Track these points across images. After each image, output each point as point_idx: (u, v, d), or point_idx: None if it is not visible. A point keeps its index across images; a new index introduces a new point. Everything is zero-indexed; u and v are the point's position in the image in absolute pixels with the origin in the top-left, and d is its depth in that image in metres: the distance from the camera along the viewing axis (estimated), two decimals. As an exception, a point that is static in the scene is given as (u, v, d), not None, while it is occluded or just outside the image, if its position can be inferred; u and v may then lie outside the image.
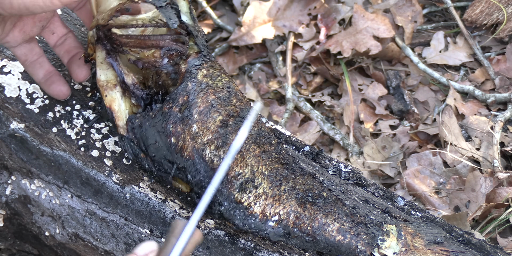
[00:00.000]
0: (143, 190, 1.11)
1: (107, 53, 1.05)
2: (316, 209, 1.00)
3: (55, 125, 1.16)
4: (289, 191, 1.00)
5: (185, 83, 1.00)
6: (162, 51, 1.02)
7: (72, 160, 1.15)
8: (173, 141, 0.99)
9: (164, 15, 0.99)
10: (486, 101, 1.86)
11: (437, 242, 1.02)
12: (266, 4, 2.08)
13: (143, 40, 1.02)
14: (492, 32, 2.00)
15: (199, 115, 0.99)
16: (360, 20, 2.00)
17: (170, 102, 1.00)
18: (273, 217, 0.99)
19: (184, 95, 1.00)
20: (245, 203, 0.99)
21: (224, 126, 0.99)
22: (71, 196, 1.16)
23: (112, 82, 1.05)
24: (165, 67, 1.03)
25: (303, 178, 1.03)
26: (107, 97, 1.04)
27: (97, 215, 1.14)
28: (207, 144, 0.99)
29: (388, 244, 1.00)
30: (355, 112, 1.91)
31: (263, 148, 1.02)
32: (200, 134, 0.99)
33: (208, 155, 0.99)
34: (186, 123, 0.99)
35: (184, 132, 0.99)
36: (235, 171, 0.99)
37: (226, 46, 2.11)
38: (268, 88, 2.02)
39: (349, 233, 0.99)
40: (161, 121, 1.00)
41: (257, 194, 0.99)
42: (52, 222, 1.19)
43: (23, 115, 1.17)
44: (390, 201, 1.15)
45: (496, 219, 1.54)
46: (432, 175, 1.70)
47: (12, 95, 1.18)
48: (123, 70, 1.05)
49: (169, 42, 1.02)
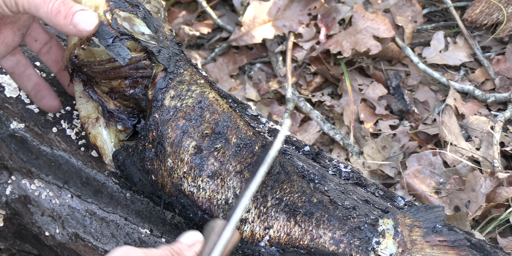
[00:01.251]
0: (143, 190, 1.11)
1: (84, 84, 1.04)
2: (306, 220, 0.98)
3: (55, 125, 1.16)
4: (277, 206, 0.98)
5: (153, 116, 0.99)
6: (127, 82, 1.01)
7: (72, 160, 1.15)
8: (153, 178, 0.99)
9: (112, 53, 0.96)
10: (486, 101, 1.86)
11: (435, 231, 1.00)
12: (266, 4, 2.08)
13: (105, 74, 1.01)
14: (492, 32, 2.00)
15: (171, 147, 0.97)
16: (360, 20, 2.00)
17: (142, 140, 0.99)
18: (263, 238, 0.98)
19: (153, 130, 0.98)
20: None
21: (198, 152, 0.97)
22: (71, 196, 1.16)
23: (93, 116, 1.05)
24: (136, 94, 1.02)
25: (291, 185, 1.00)
26: (91, 134, 1.04)
27: (97, 215, 1.14)
28: (184, 178, 0.97)
29: (384, 246, 0.99)
30: (355, 112, 1.91)
31: (245, 162, 0.99)
32: (175, 168, 0.97)
33: (188, 188, 0.97)
34: (161, 158, 0.98)
35: (161, 168, 0.98)
36: (218, 198, 0.97)
37: (226, 46, 2.11)
38: (268, 88, 2.02)
39: (342, 242, 0.98)
40: (138, 159, 0.99)
41: (243, 218, 0.97)
42: (52, 222, 1.19)
43: (23, 115, 1.17)
44: (390, 201, 1.14)
45: (496, 219, 1.54)
46: (432, 175, 1.70)
47: (12, 95, 1.18)
48: (103, 99, 1.04)
49: (129, 72, 1.00)
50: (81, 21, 0.92)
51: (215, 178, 0.97)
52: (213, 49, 2.14)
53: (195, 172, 0.97)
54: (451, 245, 0.99)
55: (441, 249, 0.99)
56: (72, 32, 0.93)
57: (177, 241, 0.87)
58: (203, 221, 0.98)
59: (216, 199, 0.97)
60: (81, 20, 0.92)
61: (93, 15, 0.94)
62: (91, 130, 1.04)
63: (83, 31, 0.93)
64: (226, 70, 2.09)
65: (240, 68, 2.11)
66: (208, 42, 2.18)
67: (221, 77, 2.09)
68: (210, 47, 2.16)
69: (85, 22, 0.92)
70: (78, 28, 0.93)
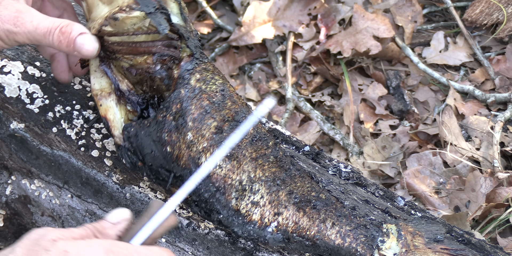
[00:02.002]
0: (143, 190, 1.11)
1: (101, 60, 1.04)
2: (314, 213, 1.00)
3: (55, 125, 1.16)
4: (287, 196, 1.00)
5: (178, 90, 1.00)
6: (154, 57, 1.02)
7: (72, 160, 1.15)
8: (168, 150, 0.99)
9: (154, 21, 0.98)
10: (486, 101, 1.86)
11: (437, 240, 1.02)
12: (266, 4, 2.08)
13: (134, 47, 1.02)
14: (492, 32, 2.00)
15: (193, 122, 0.99)
16: (360, 20, 2.00)
17: (164, 111, 0.99)
18: (272, 223, 0.99)
19: (177, 103, 0.99)
20: (243, 210, 0.99)
21: (219, 133, 0.99)
22: (71, 196, 1.16)
23: (106, 91, 1.05)
24: (159, 73, 1.03)
25: (302, 180, 1.02)
26: (102, 106, 1.04)
27: (97, 215, 1.14)
28: (202, 152, 0.98)
29: (388, 245, 1.00)
30: (355, 112, 1.91)
31: (260, 152, 1.01)
32: (195, 142, 0.98)
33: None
34: (180, 131, 0.99)
35: (179, 140, 0.99)
36: (232, 178, 0.99)
37: (226, 46, 2.11)
38: (268, 88, 2.02)
39: (348, 237, 0.99)
40: (156, 130, 0.99)
41: (255, 201, 0.99)
42: (52, 222, 1.19)
43: (23, 115, 1.17)
44: (390, 201, 1.14)
45: (496, 219, 1.54)
46: (432, 175, 1.70)
47: (12, 95, 1.18)
48: (117, 77, 1.04)
49: (160, 48, 1.02)
50: (83, 48, 0.96)
51: (232, 159, 0.99)
52: (213, 49, 2.14)
53: (214, 149, 0.98)
54: (453, 254, 1.01)
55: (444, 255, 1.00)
56: (78, 56, 0.99)
57: (101, 218, 0.84)
58: (213, 199, 0.98)
59: (231, 179, 0.99)
60: (82, 46, 0.96)
61: (92, 39, 0.97)
62: (103, 102, 1.04)
63: (86, 56, 0.98)
64: (226, 70, 2.09)
65: (240, 68, 2.11)
66: (208, 42, 2.18)
67: (221, 77, 2.09)
68: (210, 47, 2.16)
69: (86, 48, 0.97)
70: (82, 53, 0.97)
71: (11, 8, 0.95)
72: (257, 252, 1.06)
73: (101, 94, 1.04)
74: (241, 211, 0.98)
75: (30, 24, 0.94)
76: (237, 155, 0.99)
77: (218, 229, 1.07)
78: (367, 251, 0.99)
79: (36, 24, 0.94)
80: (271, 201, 0.99)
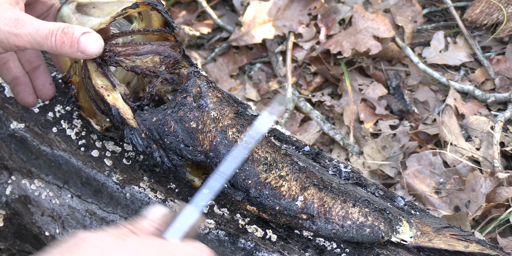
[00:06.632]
0: (143, 190, 1.11)
1: (98, 65, 1.04)
2: (334, 195, 1.04)
3: (55, 125, 1.16)
4: (307, 179, 1.04)
5: (193, 79, 1.03)
6: (161, 57, 1.03)
7: (72, 160, 1.15)
8: (193, 125, 1.01)
9: (167, 16, 1.03)
10: (486, 101, 1.86)
11: (445, 227, 1.06)
12: (266, 4, 2.08)
13: (141, 46, 1.03)
14: (492, 32, 2.00)
15: (214, 104, 1.03)
16: (360, 20, 2.00)
17: (183, 93, 1.02)
18: (299, 197, 1.02)
19: (196, 87, 1.03)
20: (272, 182, 1.01)
21: (237, 118, 1.03)
22: (71, 196, 1.16)
23: (110, 87, 1.05)
24: (163, 74, 1.04)
25: (312, 172, 1.06)
26: (109, 96, 1.04)
27: (97, 215, 1.14)
28: (228, 127, 1.02)
29: (404, 229, 1.04)
30: (355, 112, 1.91)
31: (273, 148, 1.05)
32: (220, 118, 1.02)
33: (232, 135, 1.01)
34: (203, 110, 1.02)
35: (203, 117, 1.02)
36: (258, 154, 1.02)
37: (226, 46, 2.11)
38: (268, 88, 2.02)
39: (369, 216, 1.03)
40: (177, 110, 1.02)
41: (282, 175, 1.02)
42: (52, 222, 1.20)
43: (23, 115, 1.17)
44: (390, 201, 1.15)
45: (496, 219, 1.54)
46: (432, 175, 1.70)
47: (12, 95, 1.18)
48: (115, 81, 1.04)
49: (168, 48, 1.04)
50: (88, 47, 0.94)
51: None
52: (213, 49, 2.14)
53: (238, 127, 1.02)
54: (463, 239, 1.05)
55: (454, 239, 1.05)
56: (81, 57, 0.96)
57: (141, 215, 0.85)
58: (234, 177, 1.01)
59: (257, 154, 1.02)
60: (87, 45, 0.94)
61: (96, 37, 0.95)
62: (110, 93, 1.04)
63: (92, 55, 0.96)
64: (226, 70, 2.09)
65: (240, 68, 2.11)
66: (208, 42, 2.18)
67: (221, 77, 2.09)
68: (210, 47, 2.16)
69: (92, 47, 0.95)
70: (86, 53, 0.95)
71: (11, 11, 0.94)
72: (257, 252, 1.06)
73: (106, 87, 1.05)
74: (270, 182, 1.02)
75: (31, 26, 0.94)
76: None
77: (218, 229, 1.07)
78: (389, 230, 1.03)
79: (37, 26, 0.94)
80: (295, 179, 1.03)
